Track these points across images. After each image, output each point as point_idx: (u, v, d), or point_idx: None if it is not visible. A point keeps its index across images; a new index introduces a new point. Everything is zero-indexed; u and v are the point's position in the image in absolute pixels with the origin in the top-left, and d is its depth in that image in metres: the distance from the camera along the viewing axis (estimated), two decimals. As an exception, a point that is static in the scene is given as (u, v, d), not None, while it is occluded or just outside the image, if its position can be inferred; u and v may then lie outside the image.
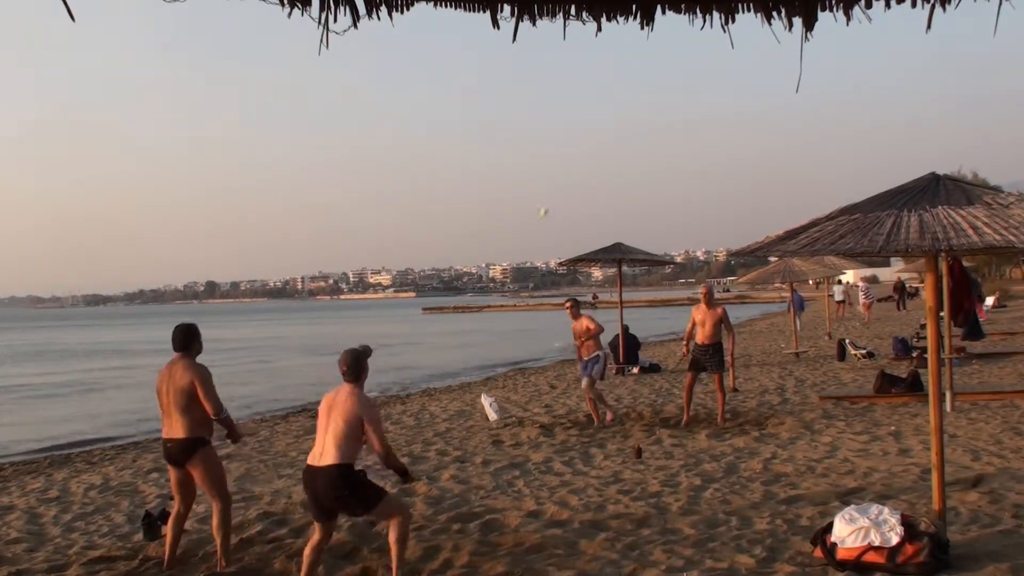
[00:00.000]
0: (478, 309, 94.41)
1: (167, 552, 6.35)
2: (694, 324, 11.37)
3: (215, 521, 6.15)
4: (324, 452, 5.44)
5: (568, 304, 12.14)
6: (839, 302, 36.88)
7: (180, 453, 6.12)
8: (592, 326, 11.55)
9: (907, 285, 43.67)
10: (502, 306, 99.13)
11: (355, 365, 5.57)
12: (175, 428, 6.09)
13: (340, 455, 5.38)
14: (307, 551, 5.69)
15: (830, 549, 5.59)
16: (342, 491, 5.41)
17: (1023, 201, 5.39)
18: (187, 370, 6.07)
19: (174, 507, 6.40)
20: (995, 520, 6.37)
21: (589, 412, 11.93)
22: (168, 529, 6.38)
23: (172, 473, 6.32)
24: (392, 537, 5.62)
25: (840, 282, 40.69)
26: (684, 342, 11.72)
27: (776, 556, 5.84)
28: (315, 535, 5.70)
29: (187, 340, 6.20)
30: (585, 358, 11.60)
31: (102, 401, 22.60)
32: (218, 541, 6.16)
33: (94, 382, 28.08)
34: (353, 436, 5.43)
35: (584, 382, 11.68)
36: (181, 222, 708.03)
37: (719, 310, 11.28)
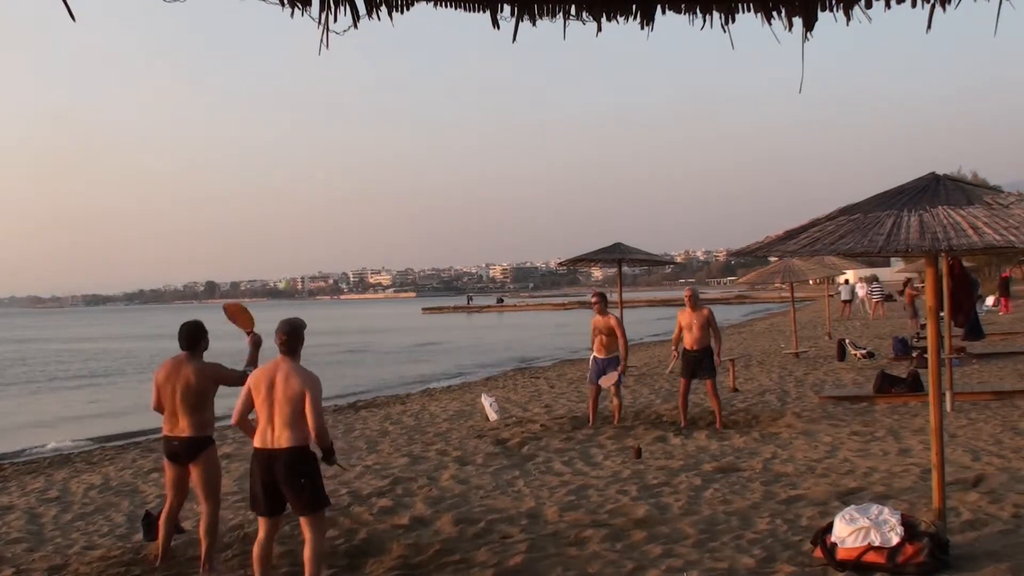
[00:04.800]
0: (478, 309, 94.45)
1: (160, 548, 6.36)
2: (681, 329, 11.16)
3: (203, 525, 6.14)
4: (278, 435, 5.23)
5: (595, 298, 11.57)
6: (845, 302, 36.67)
7: (186, 451, 6.12)
8: (616, 326, 11.28)
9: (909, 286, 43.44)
10: (502, 306, 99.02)
11: (295, 336, 5.40)
12: (182, 426, 6.11)
13: (294, 437, 5.20)
14: (256, 552, 5.49)
15: (830, 549, 5.59)
16: (300, 478, 5.19)
17: (1023, 201, 5.39)
18: (202, 371, 6.09)
19: (167, 504, 6.41)
20: (995, 520, 6.37)
21: (588, 412, 11.86)
22: (161, 525, 6.39)
23: (169, 471, 6.34)
24: (311, 552, 5.36)
25: (847, 282, 40.24)
26: (673, 347, 11.58)
27: (776, 556, 5.83)
28: (261, 532, 5.49)
29: (194, 338, 6.20)
30: (604, 356, 11.30)
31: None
32: (204, 545, 6.13)
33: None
34: (301, 415, 5.23)
35: (611, 381, 11.27)
36: (181, 222, 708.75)
37: (705, 311, 11.05)
